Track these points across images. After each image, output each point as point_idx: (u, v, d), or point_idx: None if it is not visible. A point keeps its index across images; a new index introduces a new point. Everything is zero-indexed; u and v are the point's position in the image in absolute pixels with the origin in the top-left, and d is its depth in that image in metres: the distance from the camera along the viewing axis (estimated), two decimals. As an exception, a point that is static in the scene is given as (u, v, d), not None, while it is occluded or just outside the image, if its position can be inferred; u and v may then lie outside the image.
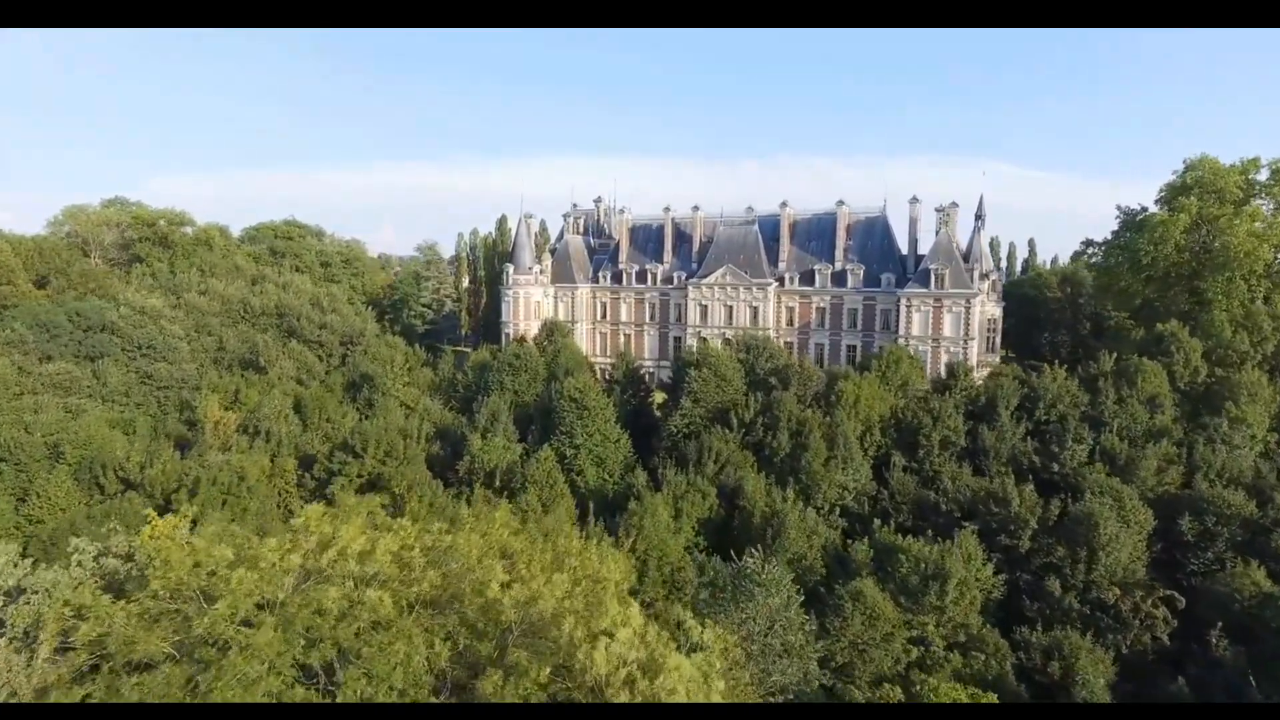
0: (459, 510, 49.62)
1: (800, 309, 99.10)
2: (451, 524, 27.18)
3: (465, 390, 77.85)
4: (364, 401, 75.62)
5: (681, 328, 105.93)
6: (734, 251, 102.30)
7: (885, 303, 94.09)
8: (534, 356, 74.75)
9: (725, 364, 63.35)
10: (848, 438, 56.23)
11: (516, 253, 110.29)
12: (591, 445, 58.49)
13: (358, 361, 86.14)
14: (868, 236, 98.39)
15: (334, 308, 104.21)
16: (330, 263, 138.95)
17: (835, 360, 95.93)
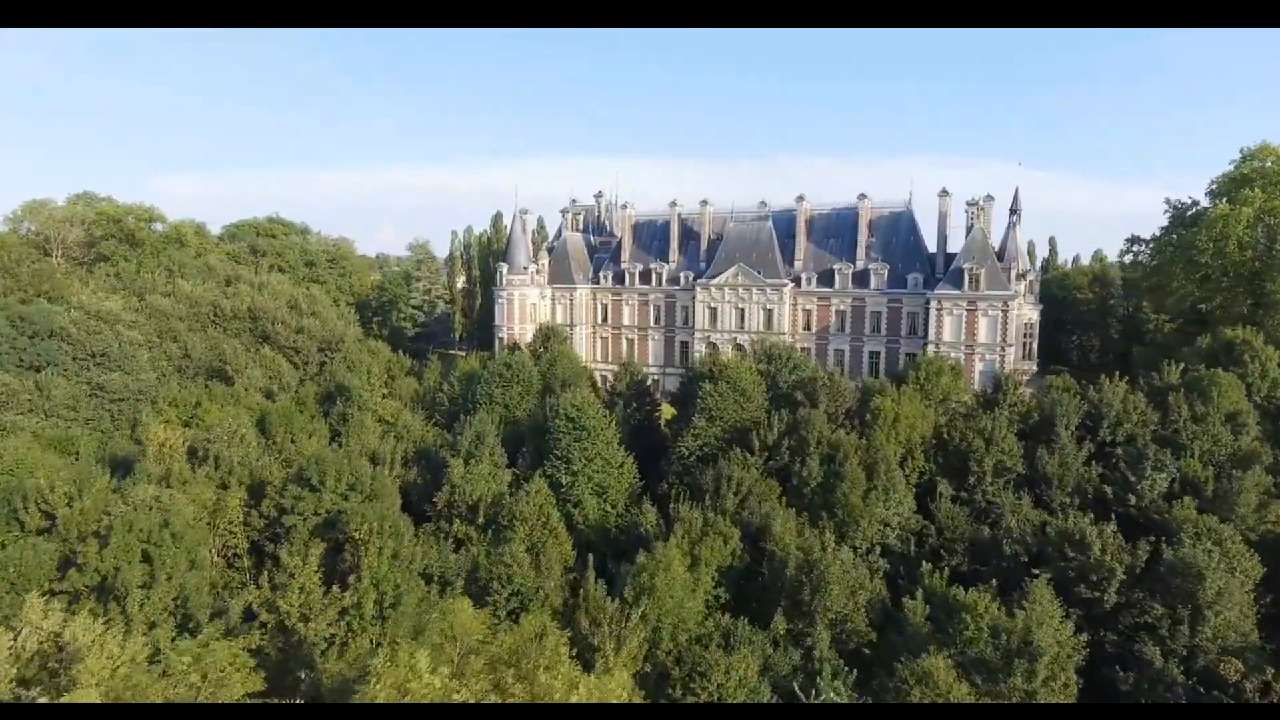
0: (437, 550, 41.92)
1: (818, 312, 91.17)
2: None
3: (451, 403, 69.95)
4: (338, 416, 67.74)
5: (689, 332, 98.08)
6: (746, 249, 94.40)
7: (912, 305, 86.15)
8: (527, 367, 66.88)
9: (744, 377, 55.45)
10: (889, 464, 48.34)
11: (511, 251, 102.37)
12: (591, 472, 50.62)
13: (334, 370, 78.25)
14: (892, 233, 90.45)
15: (313, 310, 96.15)
16: (315, 262, 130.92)
17: (857, 368, 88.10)
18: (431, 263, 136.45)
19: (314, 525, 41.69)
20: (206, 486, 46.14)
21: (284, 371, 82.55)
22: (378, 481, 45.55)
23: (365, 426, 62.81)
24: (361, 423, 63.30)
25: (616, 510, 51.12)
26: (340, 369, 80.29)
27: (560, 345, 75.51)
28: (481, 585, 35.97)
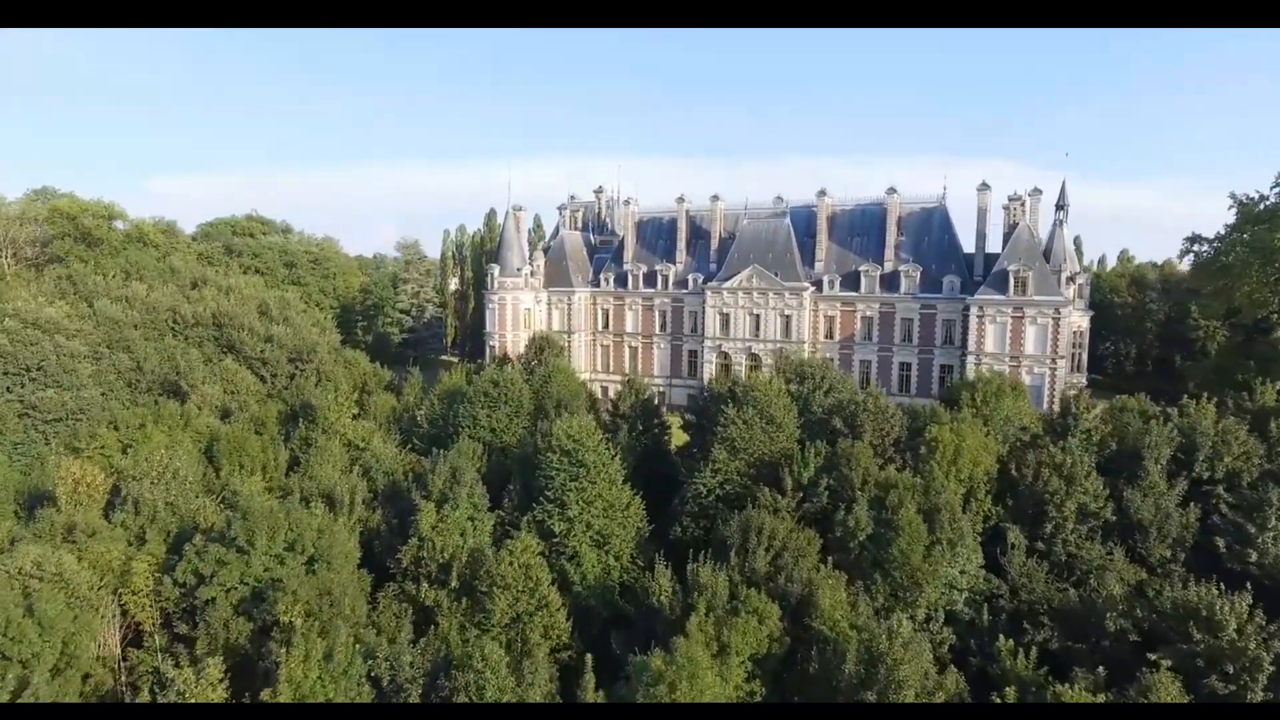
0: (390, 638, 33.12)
1: (842, 318, 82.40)
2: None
3: (430, 425, 61.21)
4: (300, 440, 59.09)
5: (698, 340, 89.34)
6: (761, 249, 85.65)
7: (948, 311, 77.38)
8: (516, 384, 58.13)
9: (773, 400, 46.66)
10: (953, 511, 39.61)
11: (502, 251, 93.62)
12: (590, 518, 41.90)
13: (300, 386, 69.54)
14: (924, 231, 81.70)
15: (285, 316, 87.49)
16: (295, 263, 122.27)
17: (885, 381, 79.35)
18: (420, 263, 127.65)
19: (239, 599, 32.94)
20: (116, 542, 37.38)
21: (247, 386, 73.92)
22: (327, 538, 36.74)
23: (329, 455, 54.14)
24: (324, 450, 54.61)
25: (621, 563, 42.40)
26: (308, 384, 71.57)
27: (556, 359, 66.79)
28: (445, 695, 27.30)
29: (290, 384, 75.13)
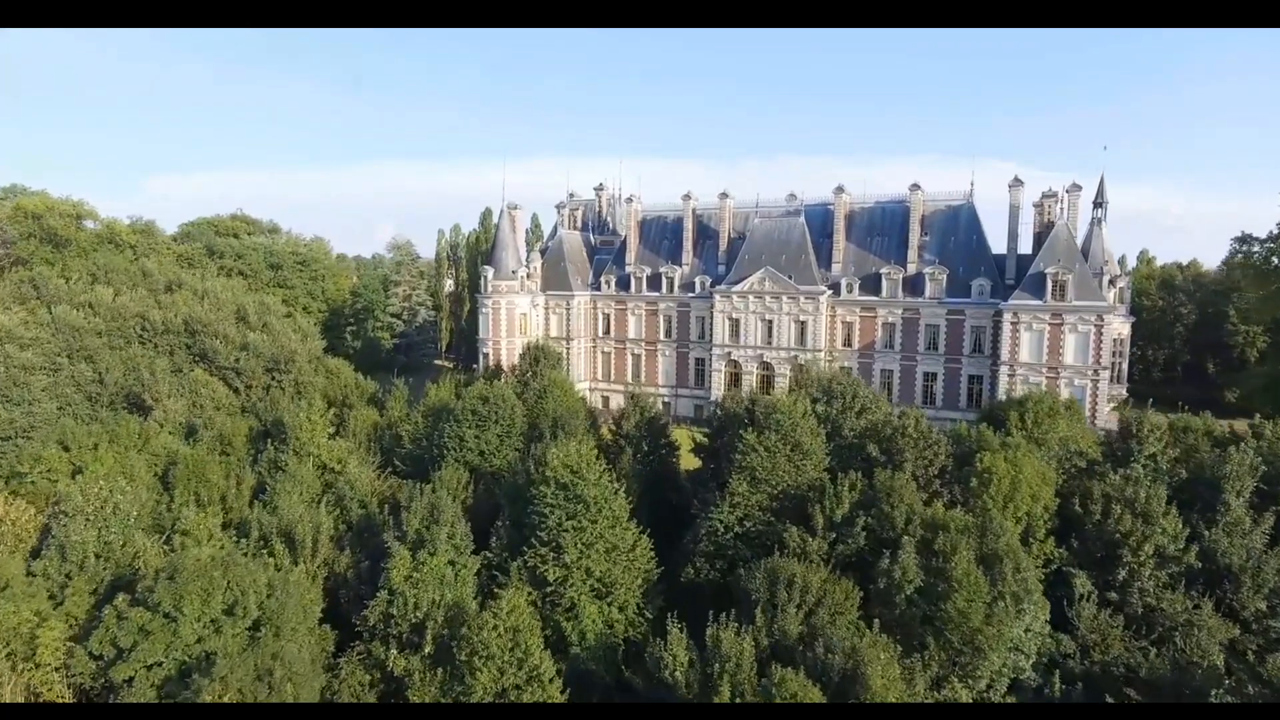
0: None
1: (861, 325, 76.55)
2: None
3: (413, 445, 55.40)
4: (268, 463, 53.24)
5: (706, 347, 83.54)
6: (774, 250, 79.83)
7: (978, 317, 71.53)
8: (508, 401, 52.29)
9: (798, 422, 40.75)
10: (1018, 560, 33.76)
11: (497, 252, 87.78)
12: (590, 563, 36.06)
13: (272, 401, 63.81)
14: (949, 231, 75.85)
15: (264, 322, 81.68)
16: (281, 264, 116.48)
17: (908, 393, 73.53)
18: (413, 265, 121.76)
19: (162, 679, 27.12)
20: (31, 598, 31.56)
21: (218, 399, 68.16)
22: (279, 596, 30.87)
23: (298, 481, 48.35)
24: (293, 476, 48.79)
25: (626, 615, 36.59)
26: (282, 398, 65.85)
27: (552, 371, 60.96)
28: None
29: (266, 396, 69.41)
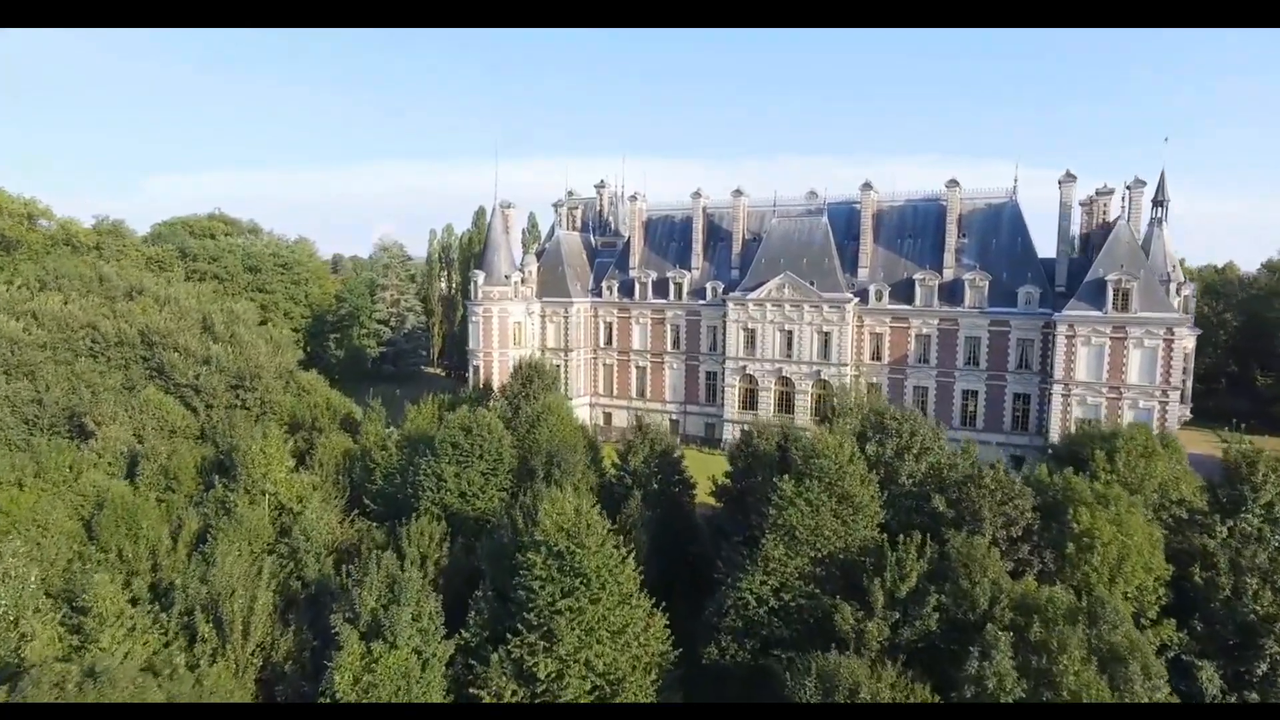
0: None
1: (892, 336, 68.89)
2: None
3: (386, 481, 47.76)
4: (215, 504, 45.61)
5: (717, 359, 75.92)
6: (794, 253, 72.19)
7: (1025, 329, 63.91)
8: (494, 432, 44.66)
9: (844, 467, 33.09)
10: (1145, 660, 26.12)
11: (488, 255, 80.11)
12: (592, 653, 28.45)
13: (231, 425, 56.37)
14: (990, 232, 68.22)
15: (232, 332, 74.06)
16: (259, 267, 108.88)
17: (945, 412, 65.90)
18: (401, 267, 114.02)
19: None
20: None
21: (172, 421, 60.46)
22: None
23: (243, 531, 40.80)
24: (239, 524, 41.22)
25: (636, 718, 28.88)
26: (242, 423, 58.36)
27: (547, 393, 53.28)
28: None
29: (227, 418, 61.81)
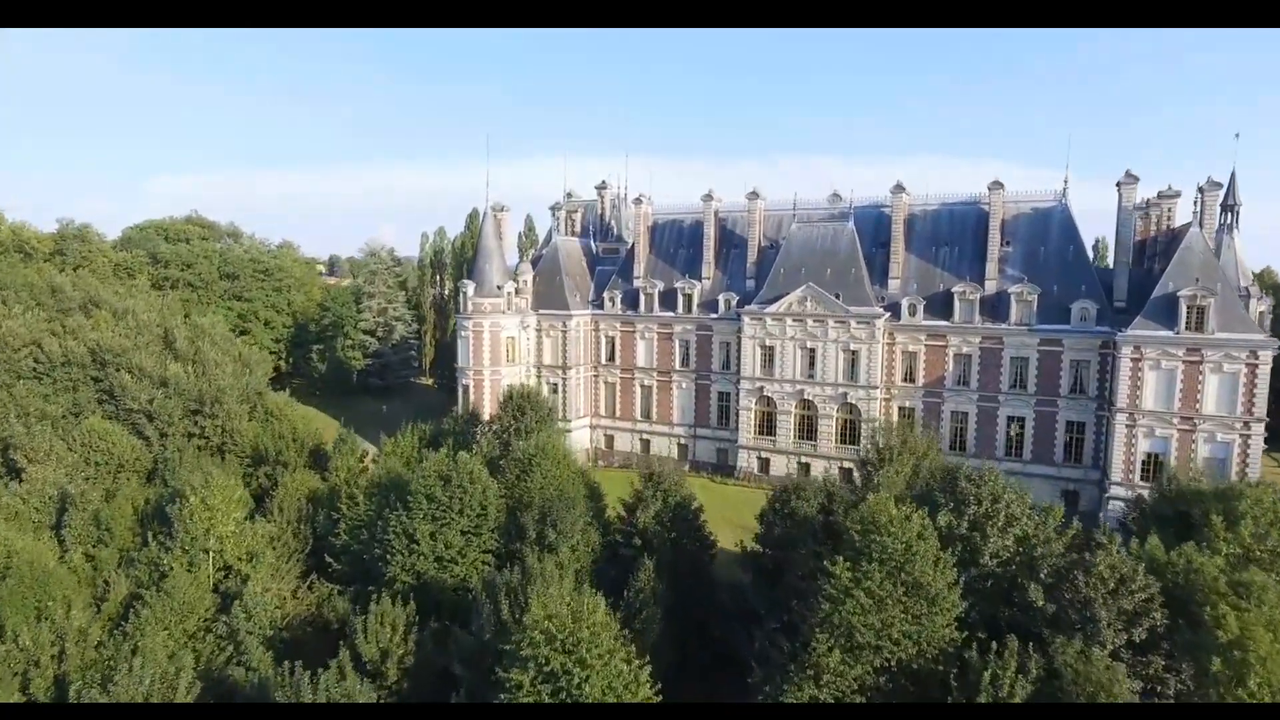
0: None
1: (928, 355, 61.83)
2: None
3: (351, 537, 40.69)
4: (147, 566, 38.67)
5: (731, 379, 68.92)
6: (816, 262, 65.16)
7: (1080, 349, 56.88)
8: (478, 482, 37.59)
9: (916, 546, 26.05)
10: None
11: (479, 263, 73.07)
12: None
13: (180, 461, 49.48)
14: (1038, 240, 61.19)
15: (196, 349, 67.05)
16: (237, 274, 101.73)
17: (987, 443, 59.09)
18: (389, 274, 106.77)
19: None
20: None
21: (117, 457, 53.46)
22: None
23: (173, 607, 33.84)
24: (168, 598, 34.25)
25: None
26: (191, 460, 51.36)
27: (542, 427, 46.13)
28: None
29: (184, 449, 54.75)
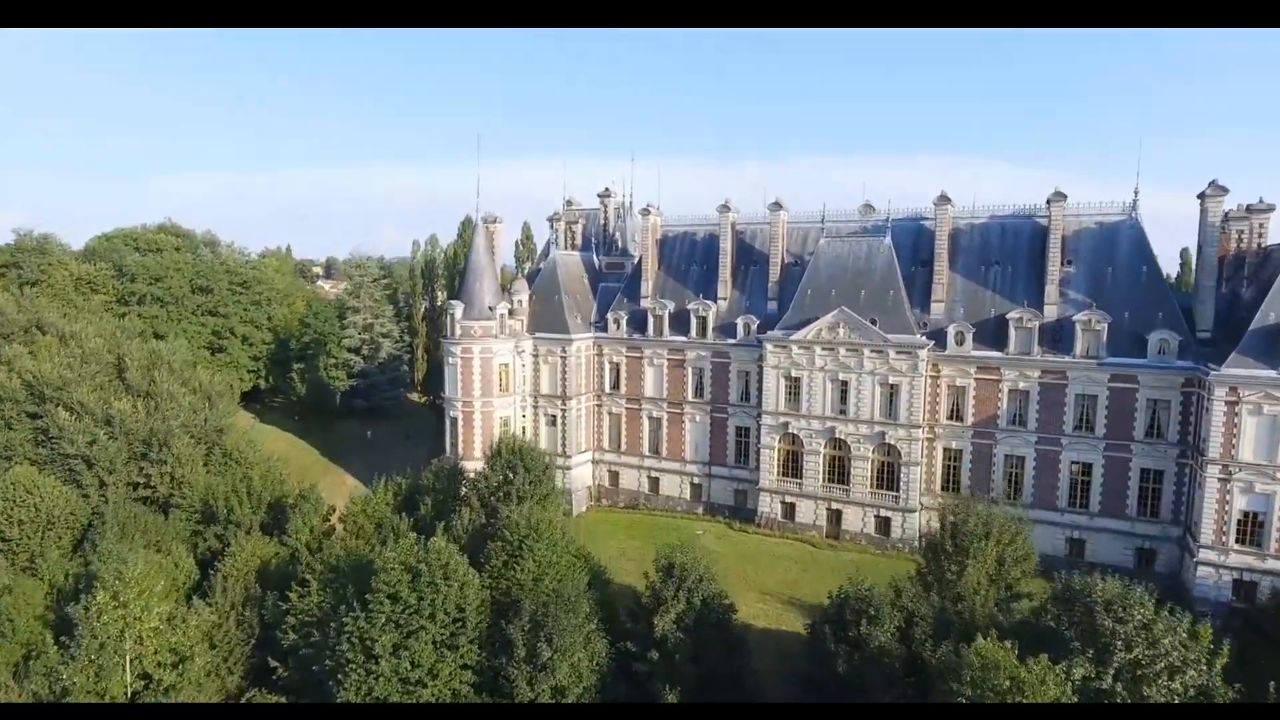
0: None
1: (977, 390, 54.27)
2: None
3: (301, 636, 33.17)
4: (43, 677, 31.22)
5: (751, 412, 61.46)
6: (849, 283, 57.63)
7: (1158, 386, 49.29)
8: (456, 574, 30.10)
9: None
10: None
11: (469, 282, 65.51)
12: None
13: (103, 532, 42.04)
14: (1104, 259, 53.62)
15: (150, 380, 59.58)
16: (211, 287, 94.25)
17: (1046, 492, 51.72)
18: (375, 286, 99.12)
19: None
20: None
21: (47, 513, 45.98)
22: None
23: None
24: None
25: None
26: (124, 521, 43.94)
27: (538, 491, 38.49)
28: None
29: (115, 511, 47.16)
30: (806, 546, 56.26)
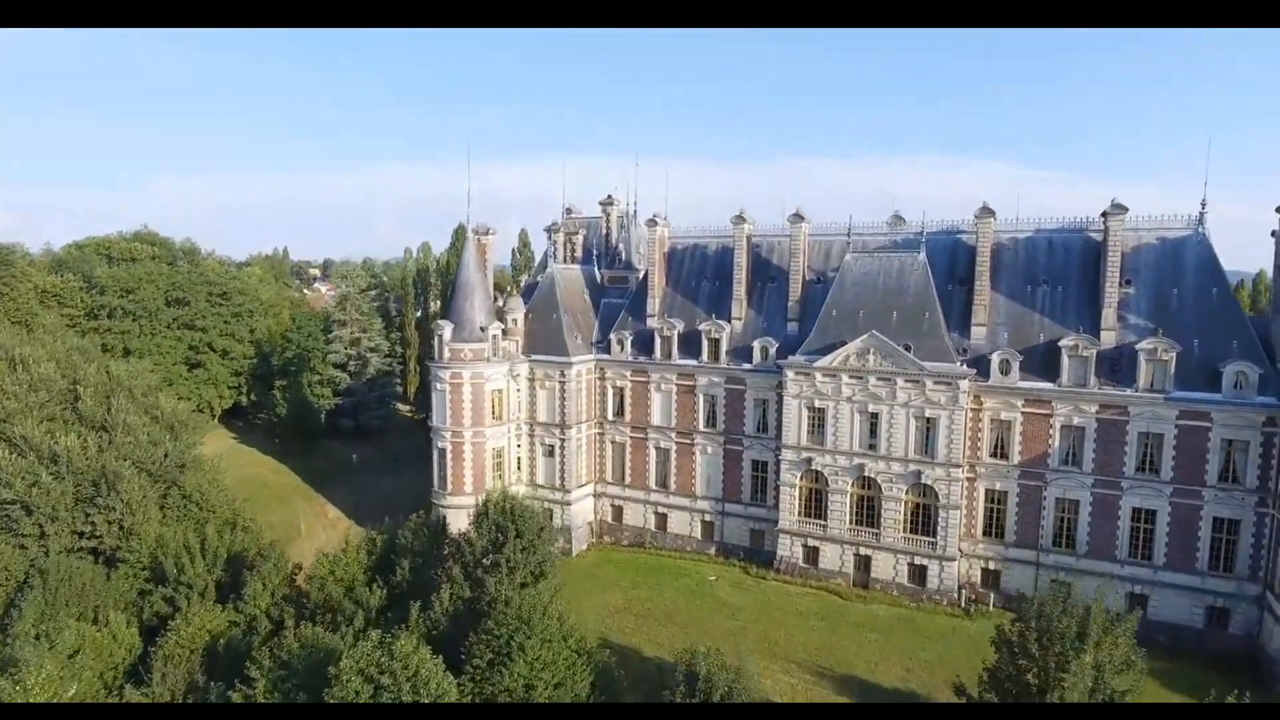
0: None
1: (1025, 426, 48.51)
2: None
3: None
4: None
5: (768, 445, 55.76)
6: (879, 304, 51.88)
7: (1234, 425, 43.51)
8: (430, 681, 24.45)
9: None
10: None
11: (457, 301, 59.80)
12: None
13: (23, 612, 36.47)
14: (1168, 279, 47.87)
15: (107, 409, 53.82)
16: (188, 299, 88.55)
17: (1104, 540, 46.12)
18: (362, 298, 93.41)
19: None
20: None
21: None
22: None
23: None
24: None
25: None
26: (57, 584, 38.34)
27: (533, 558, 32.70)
28: None
29: (57, 569, 41.41)
30: (833, 597, 50.56)
